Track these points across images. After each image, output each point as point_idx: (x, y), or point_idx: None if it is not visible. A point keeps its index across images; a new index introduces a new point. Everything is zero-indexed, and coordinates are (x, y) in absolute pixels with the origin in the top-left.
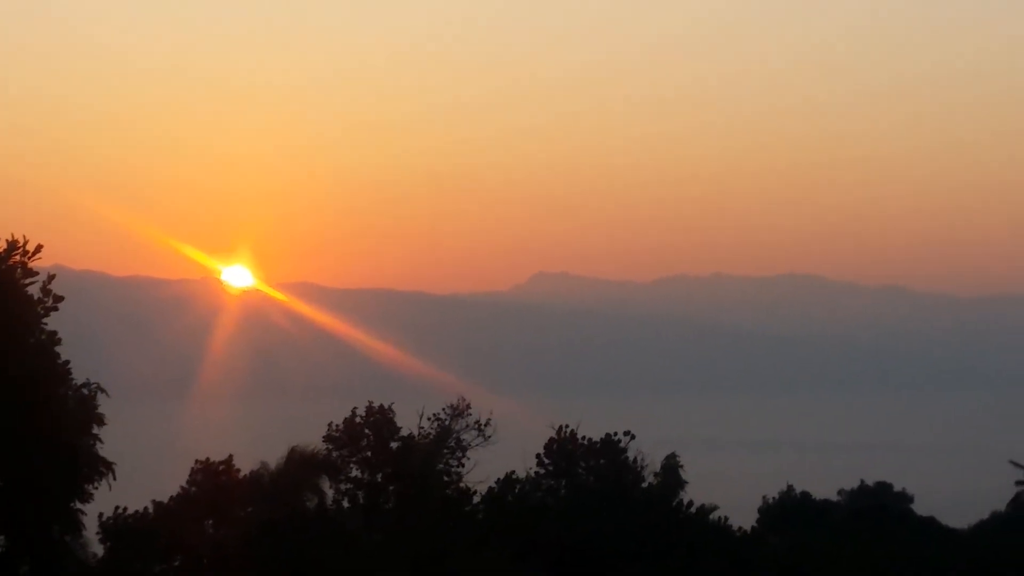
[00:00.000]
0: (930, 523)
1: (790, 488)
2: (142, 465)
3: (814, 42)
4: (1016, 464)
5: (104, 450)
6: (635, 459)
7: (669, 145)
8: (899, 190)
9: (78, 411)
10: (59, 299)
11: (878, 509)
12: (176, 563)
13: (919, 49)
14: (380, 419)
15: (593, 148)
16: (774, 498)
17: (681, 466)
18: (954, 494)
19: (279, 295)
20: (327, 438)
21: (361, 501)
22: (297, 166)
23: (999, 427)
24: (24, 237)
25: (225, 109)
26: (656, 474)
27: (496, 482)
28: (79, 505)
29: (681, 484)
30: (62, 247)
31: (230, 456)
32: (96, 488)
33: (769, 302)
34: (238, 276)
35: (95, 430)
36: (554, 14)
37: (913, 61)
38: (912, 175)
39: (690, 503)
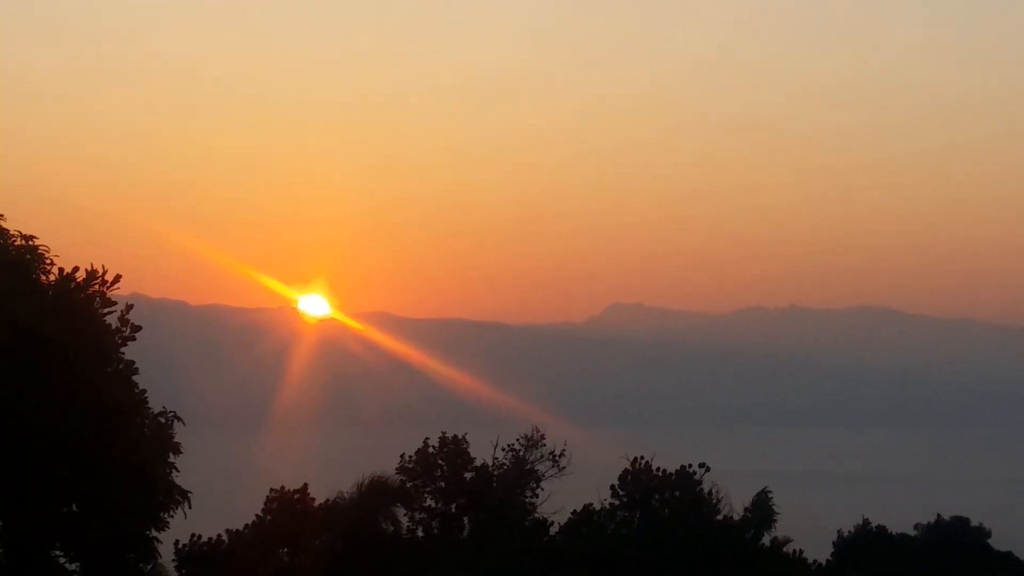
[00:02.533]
0: (1008, 557)
1: (866, 522)
2: (218, 493)
3: (879, 69)
4: None
5: (180, 478)
6: (710, 491)
7: (747, 176)
8: (974, 223)
9: (155, 440)
10: (137, 328)
11: (955, 543)
12: None
13: (988, 73)
14: (453, 449)
15: (670, 178)
16: (849, 532)
17: (772, 501)
18: None
19: (355, 324)
20: (400, 469)
21: (435, 531)
22: (375, 195)
23: None
24: (103, 267)
25: (303, 138)
26: (747, 508)
27: (572, 513)
28: (154, 533)
29: (771, 519)
30: (140, 276)
31: (305, 485)
32: (172, 516)
33: (844, 334)
34: (315, 305)
35: (171, 458)
36: (629, 34)
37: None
38: (982, 205)
39: (761, 535)
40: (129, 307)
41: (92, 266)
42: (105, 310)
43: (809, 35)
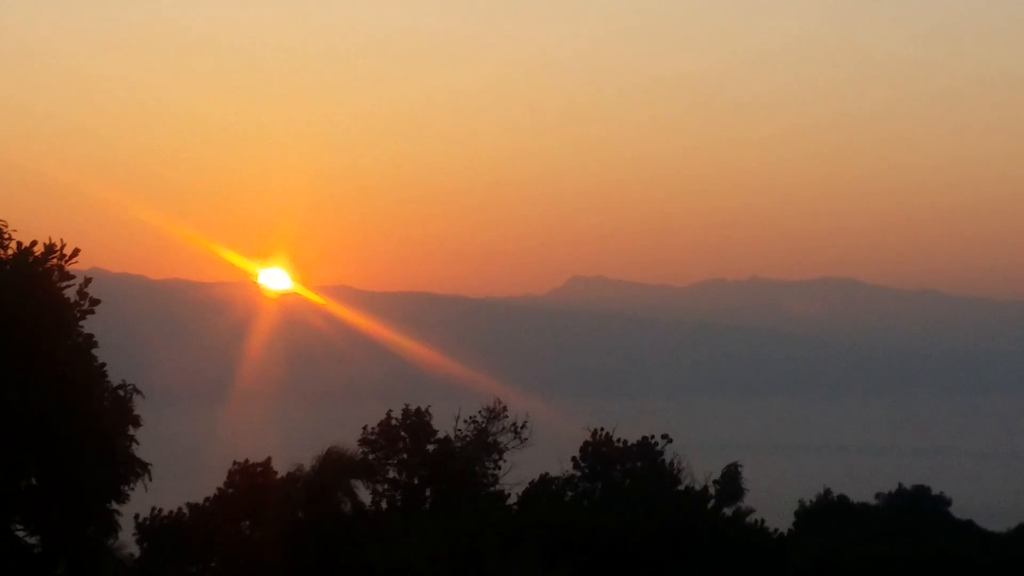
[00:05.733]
0: (968, 526)
1: (827, 491)
2: (179, 467)
3: (847, 51)
4: None
5: (141, 452)
6: (672, 462)
7: (706, 149)
8: (936, 194)
9: (114, 412)
10: (96, 302)
11: (916, 512)
12: (212, 564)
13: (955, 61)
14: (416, 422)
15: (629, 151)
16: (811, 501)
17: (742, 476)
18: (992, 498)
19: (317, 298)
20: (363, 441)
21: (398, 503)
22: (334, 169)
23: None
24: (61, 240)
25: (262, 111)
26: (716, 482)
27: (531, 483)
28: (115, 506)
29: (740, 493)
30: (100, 251)
31: (268, 458)
32: (132, 489)
33: (807, 305)
34: (275, 279)
35: (131, 431)
36: (596, 17)
37: (952, 73)
38: (946, 180)
39: (721, 506)
40: (88, 280)
41: (50, 239)
42: (64, 283)
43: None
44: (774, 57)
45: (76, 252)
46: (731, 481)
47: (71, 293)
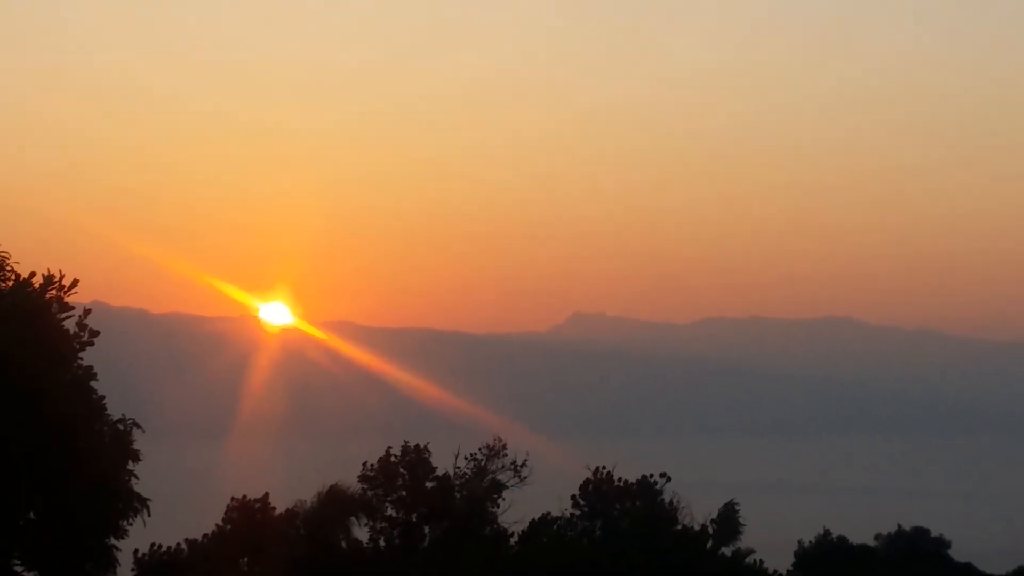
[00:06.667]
0: (968, 569)
1: (827, 532)
2: (178, 502)
3: (839, 81)
4: None
5: (140, 487)
6: (671, 501)
7: (708, 186)
8: (936, 234)
9: (113, 446)
10: (95, 334)
11: (915, 554)
12: None
13: (949, 87)
14: (416, 458)
15: (632, 188)
16: (810, 542)
17: (739, 514)
18: (992, 540)
19: (318, 333)
20: (362, 477)
21: (396, 541)
22: (337, 204)
23: None
24: (60, 271)
25: (265, 146)
26: (712, 520)
27: (531, 522)
28: (113, 541)
29: (737, 532)
30: (101, 284)
31: (266, 494)
32: (131, 524)
33: (807, 345)
34: (277, 314)
35: (130, 466)
36: (591, 50)
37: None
38: (947, 221)
39: (720, 546)
40: (87, 311)
41: (49, 271)
42: (63, 315)
43: (773, 52)
44: (777, 105)
45: (75, 283)
46: (728, 520)
47: (70, 325)
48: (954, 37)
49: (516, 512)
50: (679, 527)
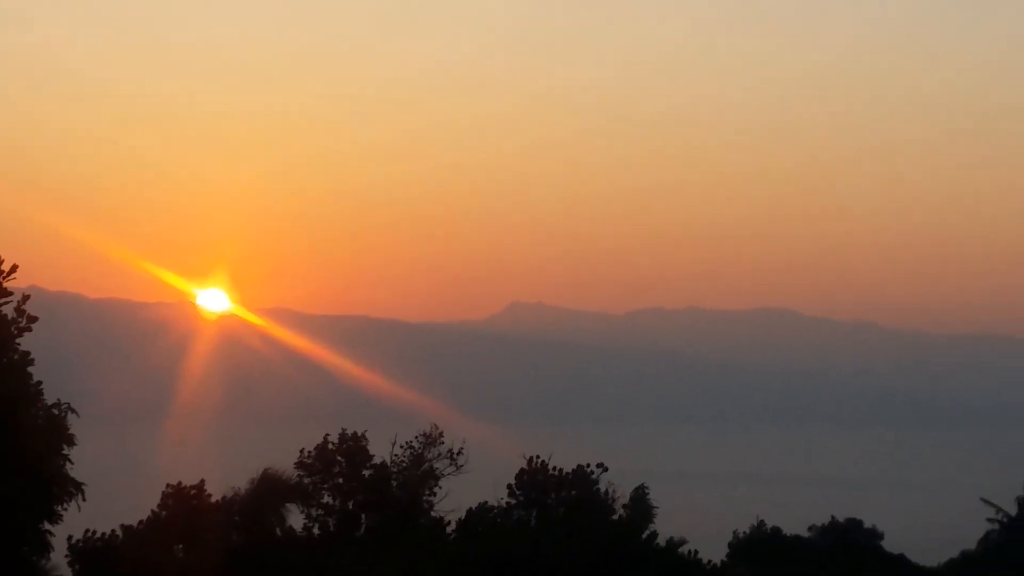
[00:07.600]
0: (900, 560)
1: (761, 522)
2: (114, 488)
3: (795, 73)
4: (987, 502)
5: (75, 472)
6: (606, 491)
7: (646, 176)
8: (875, 226)
9: (48, 431)
10: (33, 319)
11: (848, 545)
12: None
13: (894, 80)
14: (353, 446)
15: (570, 178)
16: (744, 532)
17: (649, 497)
18: (925, 532)
19: (256, 320)
20: (299, 464)
21: (332, 528)
22: (275, 191)
23: (970, 464)
24: None
25: (203, 132)
26: (625, 505)
27: (468, 511)
28: (48, 526)
29: (650, 515)
30: (38, 269)
31: (202, 481)
32: (66, 509)
33: (743, 335)
34: (215, 300)
35: (65, 451)
36: (538, 39)
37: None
38: (885, 214)
39: (656, 535)
40: (25, 298)
41: None
42: (1, 300)
43: (710, 42)
44: (714, 96)
45: (14, 268)
46: (640, 503)
47: (8, 310)
48: (883, 28)
49: (453, 500)
50: (615, 516)
